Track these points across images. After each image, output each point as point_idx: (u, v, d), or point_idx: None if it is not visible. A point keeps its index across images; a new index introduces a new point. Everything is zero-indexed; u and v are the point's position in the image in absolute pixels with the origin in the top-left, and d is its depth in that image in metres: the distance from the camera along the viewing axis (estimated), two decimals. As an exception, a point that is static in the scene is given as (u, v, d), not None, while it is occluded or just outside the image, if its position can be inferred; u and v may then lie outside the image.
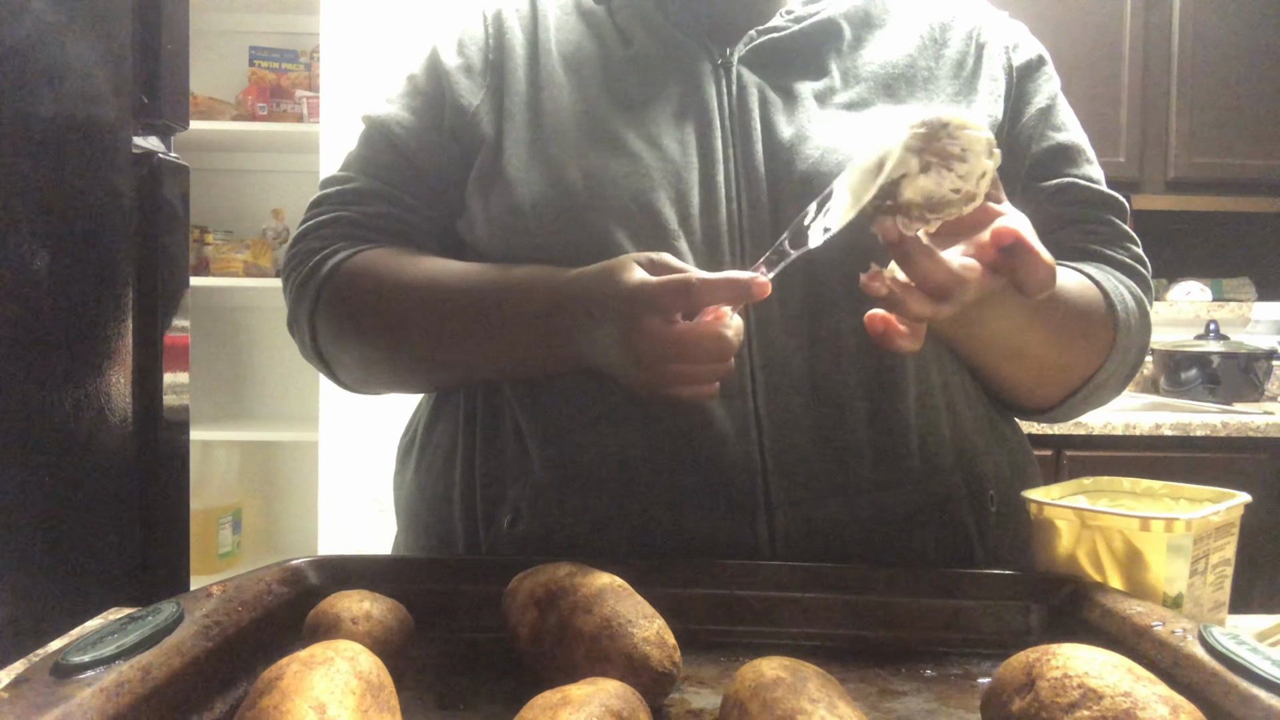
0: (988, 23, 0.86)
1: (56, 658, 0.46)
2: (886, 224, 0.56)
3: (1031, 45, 0.88)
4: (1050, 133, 0.85)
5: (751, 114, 0.78)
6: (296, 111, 2.62)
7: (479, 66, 0.85)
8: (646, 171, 0.76)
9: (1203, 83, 2.62)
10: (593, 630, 0.53)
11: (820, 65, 0.81)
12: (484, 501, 0.78)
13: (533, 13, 0.87)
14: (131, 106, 0.78)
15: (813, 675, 0.47)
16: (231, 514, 2.62)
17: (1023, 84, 0.86)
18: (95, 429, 0.75)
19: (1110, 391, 0.83)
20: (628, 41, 0.83)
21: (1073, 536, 0.68)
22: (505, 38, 0.85)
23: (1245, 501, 0.69)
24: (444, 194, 0.85)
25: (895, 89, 0.81)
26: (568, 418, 0.76)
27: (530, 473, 0.77)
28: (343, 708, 0.42)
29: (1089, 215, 0.85)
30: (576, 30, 0.85)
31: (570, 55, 0.83)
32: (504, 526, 0.76)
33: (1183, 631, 0.54)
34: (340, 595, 0.59)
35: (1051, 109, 0.87)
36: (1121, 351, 0.79)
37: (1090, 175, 0.86)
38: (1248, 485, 0.74)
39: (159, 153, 0.80)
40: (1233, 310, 2.90)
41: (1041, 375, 0.80)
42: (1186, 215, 2.99)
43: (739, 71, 0.80)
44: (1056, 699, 0.44)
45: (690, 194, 0.76)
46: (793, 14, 0.83)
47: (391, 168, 0.85)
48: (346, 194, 0.86)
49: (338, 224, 0.84)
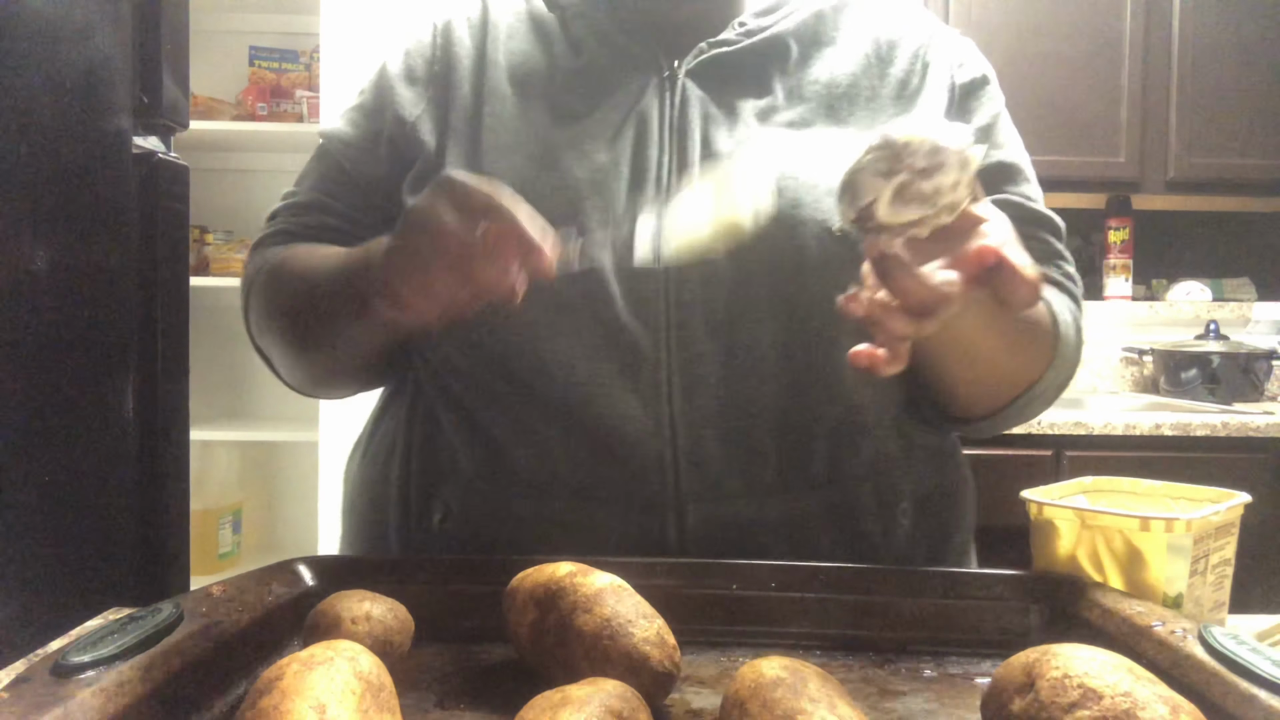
0: (935, 41, 0.87)
1: (56, 658, 0.46)
2: (869, 243, 0.56)
3: (977, 64, 0.89)
4: (991, 151, 0.86)
5: (692, 126, 0.80)
6: (296, 111, 2.62)
7: (423, 77, 0.87)
8: (574, 184, 0.77)
9: (1203, 83, 2.62)
10: (593, 630, 0.53)
11: (764, 83, 0.83)
12: (418, 498, 0.81)
13: (484, 22, 0.88)
14: (131, 106, 0.78)
15: (813, 675, 0.47)
16: (231, 514, 2.62)
17: (965, 102, 0.87)
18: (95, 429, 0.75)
19: (1042, 404, 0.85)
20: (578, 52, 0.85)
21: (1073, 536, 0.68)
22: (452, 49, 0.87)
23: (1245, 501, 0.69)
24: (380, 203, 0.87)
25: (838, 109, 0.82)
26: (495, 421, 0.78)
27: (461, 472, 0.79)
28: (343, 708, 0.42)
29: (1025, 232, 0.87)
30: (527, 40, 0.86)
31: (518, 66, 0.85)
32: (435, 523, 0.79)
33: (1183, 631, 0.54)
34: (340, 595, 0.59)
35: (993, 127, 0.88)
36: (1059, 364, 0.81)
37: (1027, 194, 0.88)
38: (1248, 485, 0.74)
39: (159, 153, 0.80)
40: (1233, 310, 2.90)
41: (989, 381, 0.81)
42: (1186, 215, 2.99)
43: (684, 85, 0.81)
44: (1056, 699, 0.44)
45: (616, 204, 0.77)
46: (745, 26, 0.84)
47: (332, 180, 0.90)
48: (291, 208, 0.90)
49: (282, 235, 0.89)
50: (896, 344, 0.58)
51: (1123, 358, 2.89)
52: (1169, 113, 2.62)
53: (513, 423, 0.78)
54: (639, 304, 0.75)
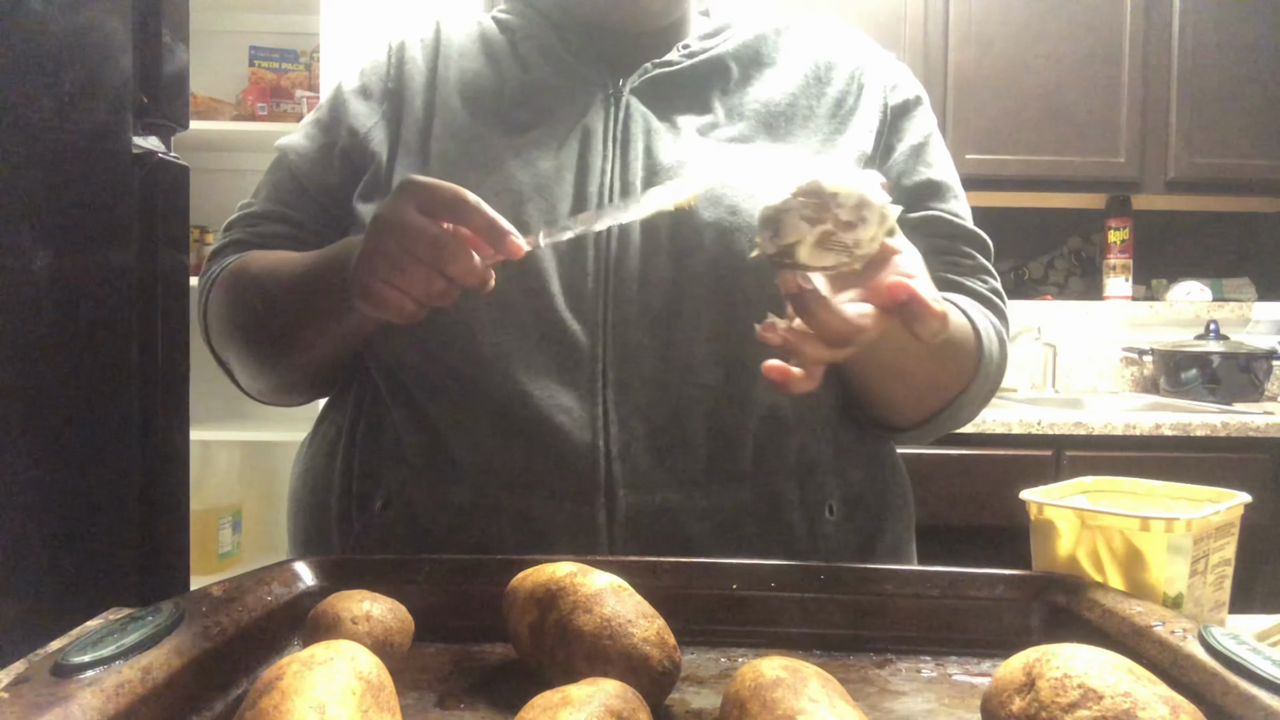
0: (870, 64, 0.91)
1: (56, 658, 0.46)
2: (786, 278, 0.58)
3: (910, 86, 0.93)
4: (921, 169, 0.90)
5: (635, 138, 0.83)
6: (296, 111, 2.61)
7: (377, 93, 0.91)
8: (518, 188, 0.80)
9: (1203, 83, 2.62)
10: (593, 630, 0.53)
11: (706, 101, 0.87)
12: (360, 486, 0.83)
13: (436, 42, 0.92)
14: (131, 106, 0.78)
15: (813, 675, 0.47)
16: (231, 514, 2.62)
17: (897, 122, 0.90)
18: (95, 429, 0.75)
19: (969, 412, 0.87)
20: (526, 69, 0.88)
21: (1073, 536, 0.68)
22: (405, 67, 0.91)
23: (1245, 501, 0.69)
24: (334, 211, 0.91)
25: (775, 126, 0.86)
26: (436, 411, 0.81)
27: (403, 461, 0.81)
28: (343, 708, 0.42)
29: (951, 248, 0.90)
30: (478, 59, 0.90)
31: (468, 83, 0.88)
32: (375, 510, 0.81)
33: (1183, 631, 0.54)
34: (340, 595, 0.59)
35: (924, 146, 0.91)
36: (984, 375, 0.84)
37: (955, 210, 0.91)
38: (1248, 485, 0.74)
39: (159, 153, 0.80)
40: (1233, 310, 2.90)
41: (915, 393, 0.84)
42: (1186, 215, 2.99)
43: (629, 101, 0.85)
44: (1056, 699, 0.44)
45: (560, 205, 0.81)
46: (689, 48, 0.88)
47: (287, 190, 0.93)
48: (247, 218, 0.93)
49: (239, 245, 0.91)
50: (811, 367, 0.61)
51: (1123, 358, 2.89)
52: (1169, 113, 2.63)
53: (453, 413, 0.80)
54: (578, 301, 0.79)
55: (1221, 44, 2.62)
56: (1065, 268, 3.05)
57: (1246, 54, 2.63)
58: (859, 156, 0.86)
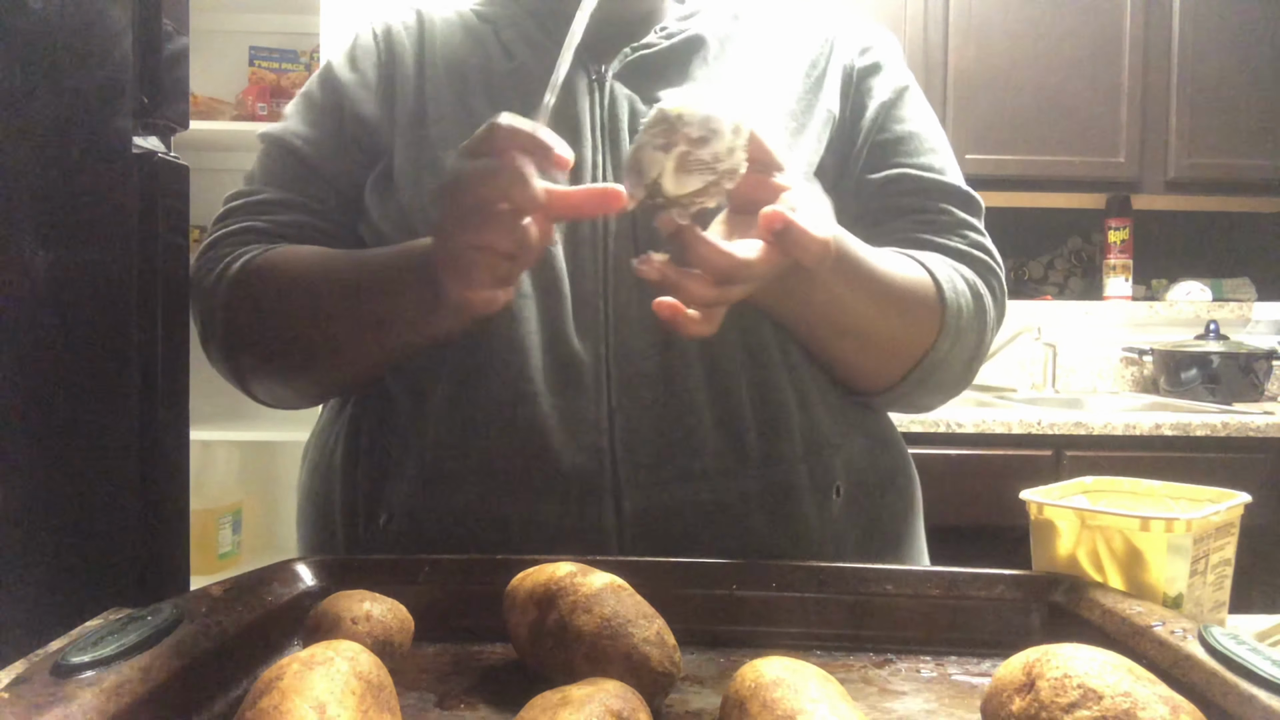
0: (842, 30, 0.92)
1: (56, 658, 0.46)
2: (663, 218, 0.58)
3: (880, 50, 0.93)
4: (892, 125, 0.89)
5: (621, 123, 0.83)
6: (296, 111, 2.61)
7: (373, 79, 0.89)
8: None
9: (1203, 83, 2.62)
10: (593, 630, 0.53)
11: (686, 76, 0.87)
12: (364, 501, 0.82)
13: (420, 27, 0.91)
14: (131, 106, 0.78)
15: (813, 675, 0.47)
16: (231, 514, 2.61)
17: (862, 82, 0.90)
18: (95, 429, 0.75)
19: (949, 372, 0.85)
20: (510, 56, 0.88)
21: (1073, 536, 0.68)
22: (395, 50, 0.90)
23: (1245, 501, 0.69)
24: (351, 198, 0.88)
25: (754, 91, 0.86)
26: (438, 422, 0.79)
27: (404, 472, 0.80)
28: (343, 708, 0.42)
29: (921, 205, 0.88)
30: (463, 46, 0.89)
31: (455, 69, 0.88)
32: (380, 525, 0.80)
33: (1183, 631, 0.54)
34: (340, 595, 0.59)
35: (896, 102, 0.90)
36: (954, 332, 0.82)
37: (929, 164, 0.89)
38: (1248, 485, 0.74)
39: (159, 153, 0.80)
40: (1233, 310, 2.90)
41: (872, 352, 0.82)
42: (1186, 215, 3.00)
43: (612, 86, 0.85)
44: (1056, 699, 0.44)
45: None
46: (666, 30, 0.88)
47: (297, 178, 0.89)
48: (255, 205, 0.88)
49: (249, 233, 0.87)
50: (705, 308, 0.61)
51: (1123, 358, 2.89)
52: (1169, 113, 2.63)
53: (454, 418, 0.79)
54: (580, 302, 0.79)
55: (1221, 44, 2.62)
56: (1065, 268, 3.05)
57: (1246, 54, 2.63)
58: (827, 118, 0.87)
